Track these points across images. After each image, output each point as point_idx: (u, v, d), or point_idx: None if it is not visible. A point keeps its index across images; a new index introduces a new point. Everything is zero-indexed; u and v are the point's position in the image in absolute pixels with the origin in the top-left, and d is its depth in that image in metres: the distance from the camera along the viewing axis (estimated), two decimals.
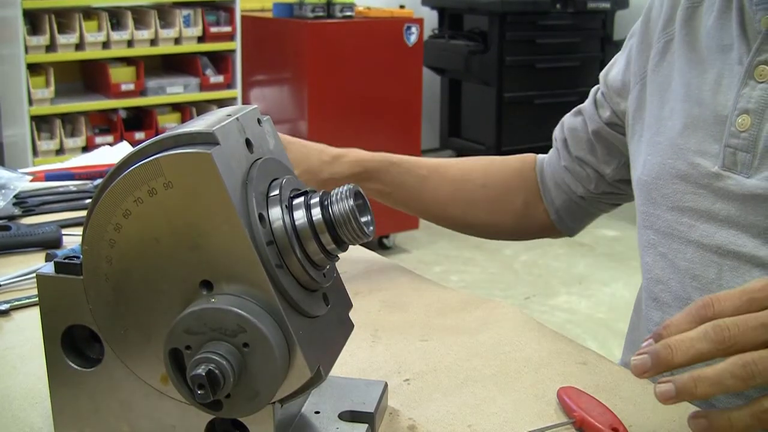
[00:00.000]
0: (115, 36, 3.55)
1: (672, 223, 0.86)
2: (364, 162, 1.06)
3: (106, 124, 3.75)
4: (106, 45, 3.54)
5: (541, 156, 1.15)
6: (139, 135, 3.68)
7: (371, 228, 0.64)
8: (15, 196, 1.32)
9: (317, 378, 0.61)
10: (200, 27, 3.75)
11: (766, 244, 0.77)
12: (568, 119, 1.10)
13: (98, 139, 3.55)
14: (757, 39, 0.79)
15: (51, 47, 3.45)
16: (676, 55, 0.89)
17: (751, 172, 0.78)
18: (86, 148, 3.46)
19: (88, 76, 3.82)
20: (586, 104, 1.07)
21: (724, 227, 0.80)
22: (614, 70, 1.02)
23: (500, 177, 1.12)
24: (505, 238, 1.19)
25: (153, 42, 3.65)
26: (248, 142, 0.62)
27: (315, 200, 0.62)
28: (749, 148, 0.78)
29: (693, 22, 0.87)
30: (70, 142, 3.56)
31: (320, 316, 0.64)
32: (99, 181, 1.21)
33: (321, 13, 3.76)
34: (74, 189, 1.40)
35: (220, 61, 3.90)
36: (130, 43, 3.60)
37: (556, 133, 1.11)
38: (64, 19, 3.50)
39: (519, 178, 1.12)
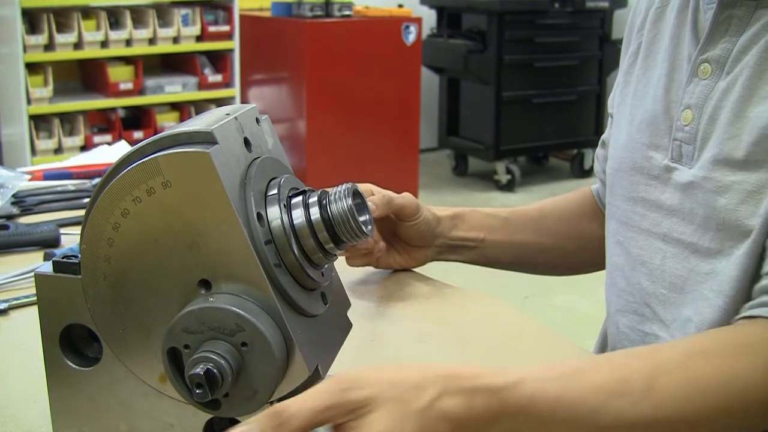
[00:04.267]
0: (114, 35, 3.55)
1: (628, 213, 0.91)
2: (450, 208, 1.05)
3: (105, 123, 3.75)
4: (104, 44, 3.54)
5: (593, 186, 1.13)
6: (137, 134, 3.68)
7: (369, 227, 0.64)
8: (13, 195, 1.32)
9: (316, 377, 0.61)
10: (199, 26, 3.76)
11: (701, 232, 0.81)
12: (597, 151, 1.09)
13: (97, 138, 3.55)
14: (702, 37, 0.83)
15: (49, 46, 3.45)
16: (641, 56, 0.93)
17: (693, 163, 0.82)
18: (85, 147, 3.46)
19: (86, 76, 3.81)
20: (606, 132, 1.06)
21: (669, 216, 0.85)
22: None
23: (572, 207, 1.11)
24: (593, 268, 1.14)
25: (151, 41, 3.65)
26: (246, 142, 0.62)
27: (313, 199, 0.62)
28: (691, 141, 0.82)
29: (660, 22, 0.91)
30: (68, 141, 3.56)
31: (319, 315, 0.64)
32: (97, 180, 1.21)
33: (319, 13, 3.76)
34: (72, 188, 1.40)
35: (218, 60, 3.90)
36: (128, 43, 3.60)
37: (596, 167, 1.10)
38: (62, 18, 3.50)
39: (587, 206, 1.11)
